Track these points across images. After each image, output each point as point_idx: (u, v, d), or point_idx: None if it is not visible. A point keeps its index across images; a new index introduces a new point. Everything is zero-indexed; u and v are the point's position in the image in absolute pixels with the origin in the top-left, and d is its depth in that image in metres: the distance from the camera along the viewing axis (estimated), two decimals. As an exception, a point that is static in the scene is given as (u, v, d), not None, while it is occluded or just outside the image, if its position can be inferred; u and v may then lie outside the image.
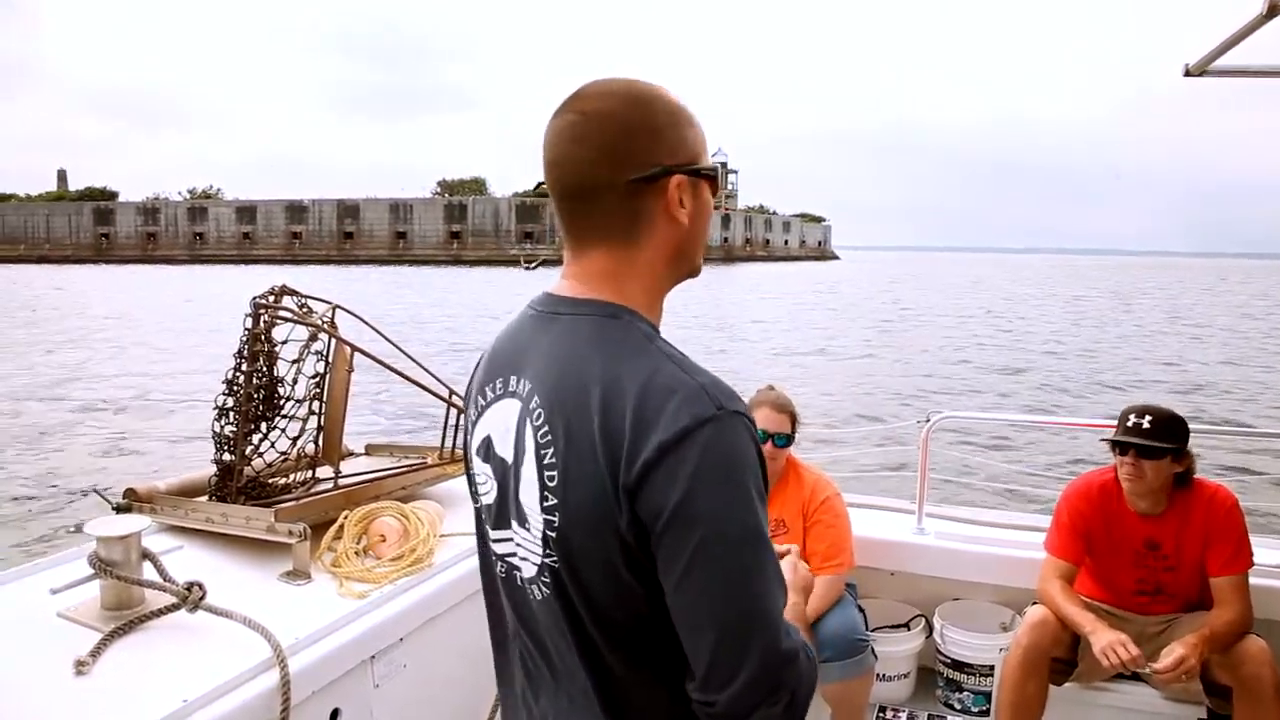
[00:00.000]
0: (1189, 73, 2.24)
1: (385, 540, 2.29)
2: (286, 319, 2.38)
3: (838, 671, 2.75)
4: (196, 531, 2.24)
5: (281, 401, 2.37)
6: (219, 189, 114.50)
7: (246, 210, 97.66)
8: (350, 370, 2.51)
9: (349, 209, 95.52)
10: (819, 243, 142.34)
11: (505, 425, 1.09)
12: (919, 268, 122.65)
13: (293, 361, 2.39)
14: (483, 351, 1.20)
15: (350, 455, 2.93)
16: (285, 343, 2.38)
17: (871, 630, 3.08)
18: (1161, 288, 67.07)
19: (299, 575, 2.13)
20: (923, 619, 3.33)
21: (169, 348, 21.07)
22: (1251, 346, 24.91)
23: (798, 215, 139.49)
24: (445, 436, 2.78)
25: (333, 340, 2.48)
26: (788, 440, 2.95)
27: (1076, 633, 2.66)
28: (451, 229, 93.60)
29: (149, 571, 1.88)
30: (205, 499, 2.35)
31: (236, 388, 2.32)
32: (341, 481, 2.47)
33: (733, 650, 0.94)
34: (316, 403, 2.47)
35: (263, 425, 2.34)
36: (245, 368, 2.31)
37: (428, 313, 31.88)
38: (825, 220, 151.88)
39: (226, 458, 2.33)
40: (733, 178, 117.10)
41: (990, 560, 3.18)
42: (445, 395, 2.68)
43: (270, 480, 2.38)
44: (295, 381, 2.39)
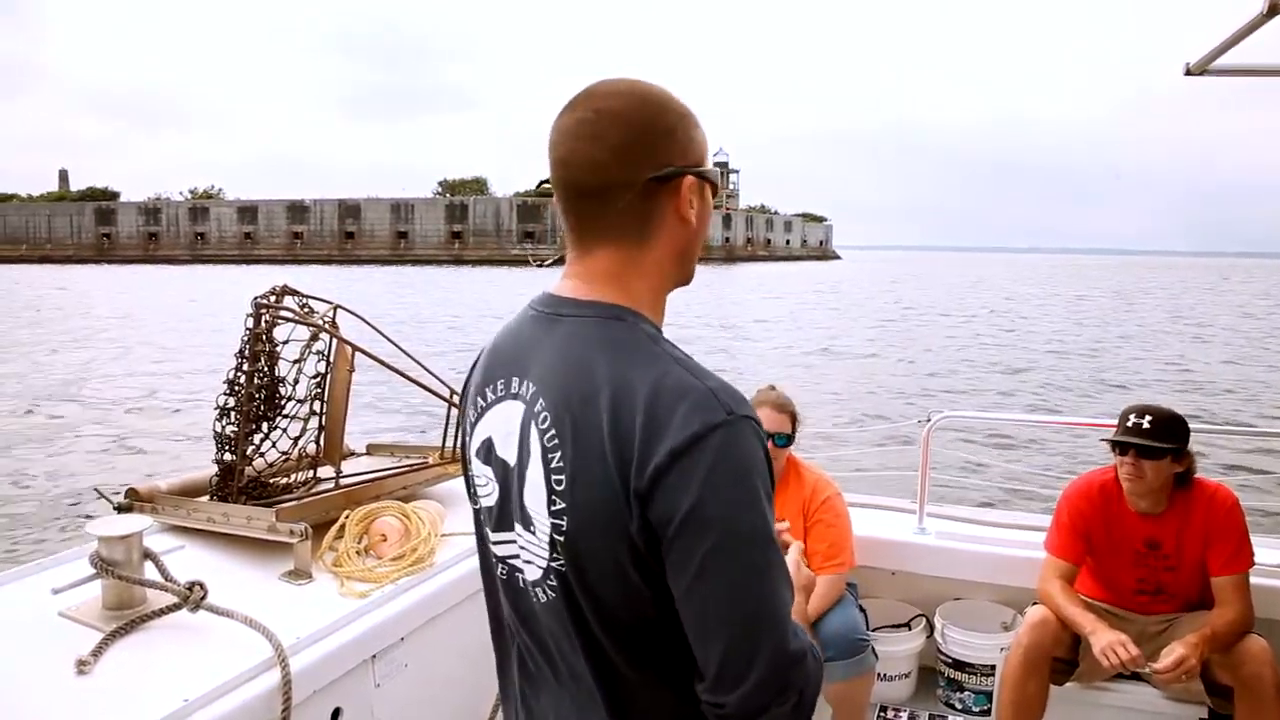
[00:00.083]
0: (1189, 72, 2.24)
1: (386, 540, 2.29)
2: (288, 319, 2.39)
3: (839, 671, 2.75)
4: (198, 531, 2.24)
5: (283, 401, 2.37)
6: (220, 189, 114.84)
7: (248, 210, 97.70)
8: (351, 370, 2.51)
9: (350, 209, 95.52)
10: (820, 242, 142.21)
11: (507, 427, 1.08)
12: (920, 267, 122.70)
13: (294, 361, 2.39)
14: (479, 351, 1.19)
15: (351, 455, 2.94)
16: (286, 343, 2.38)
17: (872, 630, 3.09)
18: (1163, 287, 67.02)
19: (300, 575, 2.13)
20: (924, 619, 3.33)
21: (174, 347, 21.09)
22: (1253, 346, 24.89)
23: (799, 215, 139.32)
24: (446, 436, 2.78)
25: (334, 340, 2.48)
26: (788, 440, 2.95)
27: (1077, 633, 2.66)
28: (453, 229, 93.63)
29: (150, 571, 1.88)
30: (206, 499, 2.35)
31: (238, 388, 2.32)
32: (342, 481, 2.47)
33: (743, 652, 0.94)
34: (318, 403, 2.47)
35: (264, 425, 2.34)
36: (246, 367, 2.31)
37: (429, 312, 31.88)
38: (826, 220, 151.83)
39: (228, 457, 2.33)
40: (734, 177, 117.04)
41: (991, 560, 3.18)
42: (446, 395, 2.68)
43: (271, 480, 2.39)
44: (296, 381, 2.39)
